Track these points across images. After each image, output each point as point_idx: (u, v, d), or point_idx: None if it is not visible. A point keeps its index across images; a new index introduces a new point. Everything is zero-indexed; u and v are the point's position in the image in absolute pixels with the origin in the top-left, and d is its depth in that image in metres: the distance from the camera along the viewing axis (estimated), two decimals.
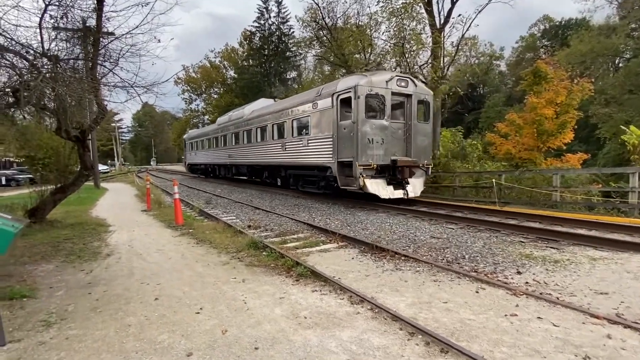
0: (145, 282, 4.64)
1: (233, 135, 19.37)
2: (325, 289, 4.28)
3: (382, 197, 9.99)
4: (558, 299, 3.94)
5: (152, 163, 71.33)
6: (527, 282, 4.42)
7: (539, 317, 3.56)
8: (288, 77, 42.10)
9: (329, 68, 24.39)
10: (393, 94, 10.30)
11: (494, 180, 11.39)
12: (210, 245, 6.36)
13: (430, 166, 10.96)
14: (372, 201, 10.63)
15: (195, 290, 4.32)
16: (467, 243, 6.09)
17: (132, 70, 5.85)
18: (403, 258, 5.32)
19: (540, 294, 4.06)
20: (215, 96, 52.56)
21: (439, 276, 4.64)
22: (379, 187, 10.00)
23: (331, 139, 10.85)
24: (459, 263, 5.16)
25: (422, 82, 15.87)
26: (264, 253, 5.62)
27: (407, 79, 10.66)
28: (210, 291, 4.29)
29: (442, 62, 15.39)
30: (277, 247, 5.79)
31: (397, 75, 10.49)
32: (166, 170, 47.41)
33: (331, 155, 10.82)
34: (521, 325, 3.42)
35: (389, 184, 10.25)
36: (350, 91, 10.23)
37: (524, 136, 15.98)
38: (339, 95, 10.66)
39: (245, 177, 19.55)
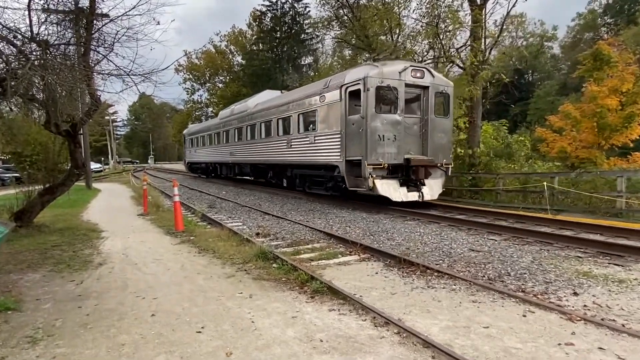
0: (141, 295, 4.72)
1: (236, 130, 19.86)
2: (345, 308, 4.25)
3: (394, 199, 10.25)
4: (624, 326, 3.79)
5: (149, 161, 73.07)
6: (585, 306, 4.28)
7: (601, 348, 3.43)
8: (303, 63, 42.26)
9: (350, 52, 24.34)
10: (407, 85, 10.55)
11: (545, 183, 11.10)
12: (214, 255, 6.43)
13: (450, 166, 11.23)
14: (397, 207, 10.62)
15: (197, 306, 4.36)
16: (513, 257, 5.99)
17: (129, 56, 6.01)
18: (436, 274, 5.25)
19: (602, 319, 3.92)
20: (221, 85, 53.40)
21: (478, 296, 4.54)
22: (390, 189, 10.28)
23: (339, 136, 11.17)
24: (502, 281, 5.06)
25: (460, 67, 15.68)
26: (274, 265, 5.64)
27: (423, 70, 10.94)
28: (213, 307, 4.33)
29: (483, 44, 15.17)
30: (289, 258, 5.81)
31: (411, 66, 10.76)
32: (165, 169, 48.44)
33: (339, 154, 11.16)
34: (579, 356, 3.30)
35: (402, 185, 10.51)
36: (359, 83, 10.48)
37: (581, 131, 15.50)
38: (347, 87, 10.98)
39: (248, 177, 20.12)
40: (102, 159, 56.62)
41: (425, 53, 17.09)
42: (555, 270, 5.37)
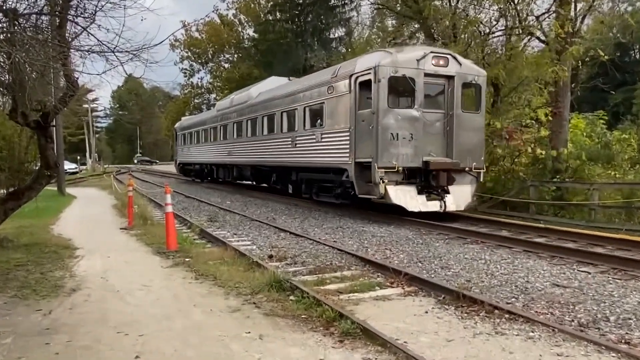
0: (123, 331, 4.83)
1: (235, 125, 21.24)
2: (384, 357, 4.21)
3: (410, 209, 11.07)
4: None
5: (135, 161, 75.23)
6: None
7: None
8: (332, 36, 42.48)
9: (393, 22, 24.28)
10: (427, 75, 11.40)
11: None
12: (215, 282, 6.51)
13: (481, 170, 12.11)
14: (454, 225, 10.59)
15: (192, 348, 4.42)
16: (614, 296, 5.82)
17: (114, 29, 6.16)
18: (507, 316, 5.14)
19: None
20: (227, 66, 54.50)
21: (565, 347, 4.41)
22: (406, 197, 11.10)
23: (347, 134, 12.11)
24: (599, 328, 4.93)
25: (541, 41, 15.46)
26: (291, 297, 5.66)
27: (448, 57, 11.73)
28: (212, 350, 4.37)
29: (573, 9, 14.88)
30: (311, 289, 5.81)
31: (432, 52, 11.60)
32: (156, 171, 49.67)
33: (347, 155, 12.08)
34: None
35: (420, 192, 11.30)
36: (369, 72, 11.32)
37: None
38: (357, 77, 11.84)
39: (250, 182, 21.37)
40: (79, 157, 58.63)
41: (494, 22, 16.86)
42: None
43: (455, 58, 11.78)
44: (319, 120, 13.92)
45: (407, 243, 9.10)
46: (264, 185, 19.79)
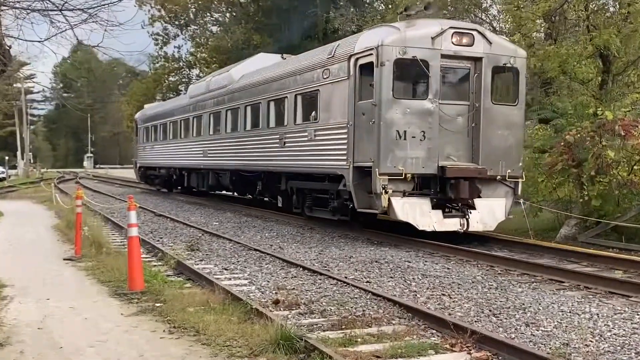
0: None
1: (211, 116, 22.54)
2: None
3: (421, 228, 11.92)
4: None
5: (85, 164, 76.20)
6: None
7: None
8: None
9: None
10: (445, 57, 12.24)
11: None
12: (197, 337, 6.48)
13: (520, 180, 12.93)
14: (548, 266, 10.48)
15: None
16: None
17: None
18: None
19: None
20: (215, 30, 54.93)
21: None
22: (416, 212, 11.93)
23: (345, 130, 12.96)
24: None
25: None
26: None
27: (473, 32, 12.52)
28: None
29: None
30: (335, 351, 5.76)
31: (452, 27, 12.41)
32: (112, 178, 50.21)
33: (345, 157, 12.90)
34: None
35: (436, 207, 12.11)
36: (371, 53, 12.20)
37: None
38: (357, 58, 12.72)
39: (228, 192, 22.95)
40: (7, 158, 59.49)
41: None
42: None
43: (483, 35, 12.59)
44: (313, 113, 14.85)
45: (474, 287, 9.01)
46: (248, 197, 21.10)
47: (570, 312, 7.62)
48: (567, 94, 17.74)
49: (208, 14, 55.21)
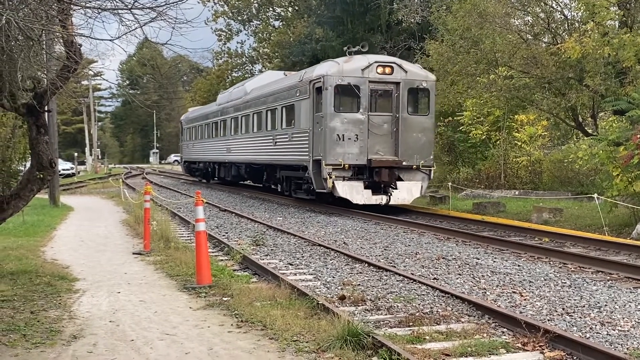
0: None
1: (232, 121, 29.50)
2: None
3: (355, 202, 17.59)
4: None
5: (152, 159, 77.47)
6: None
7: None
8: None
9: None
10: (373, 82, 18.08)
11: None
12: (264, 331, 6.56)
13: (431, 168, 18.97)
14: (625, 264, 10.35)
15: None
16: None
17: None
18: None
19: None
20: (277, 24, 55.19)
21: None
22: (352, 191, 17.58)
23: (307, 134, 18.92)
24: None
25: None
26: (374, 359, 5.65)
27: (392, 65, 18.41)
28: None
29: None
30: (403, 348, 5.74)
31: (377, 62, 18.28)
32: (176, 173, 51.13)
33: (307, 153, 18.85)
34: None
35: (367, 187, 17.81)
36: (320, 79, 18.15)
37: None
38: (314, 83, 18.68)
39: (248, 182, 30.06)
40: (76, 154, 60.87)
41: None
42: None
43: (400, 66, 18.47)
44: (292, 121, 20.70)
45: (546, 284, 8.87)
46: (259, 185, 27.68)
47: None
48: None
49: (270, 9, 55.59)
